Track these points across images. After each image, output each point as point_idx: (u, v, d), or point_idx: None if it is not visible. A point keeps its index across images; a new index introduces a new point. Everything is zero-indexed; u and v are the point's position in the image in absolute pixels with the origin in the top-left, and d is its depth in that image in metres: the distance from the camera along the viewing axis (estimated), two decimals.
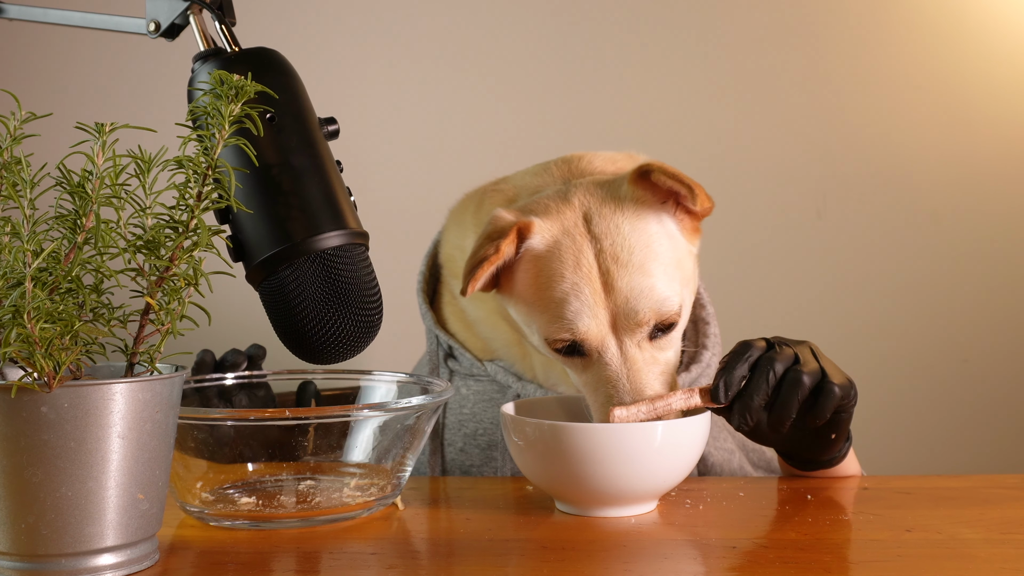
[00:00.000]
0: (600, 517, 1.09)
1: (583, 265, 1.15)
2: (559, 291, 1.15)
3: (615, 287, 1.14)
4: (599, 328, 1.14)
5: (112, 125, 0.89)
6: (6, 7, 1.10)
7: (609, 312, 1.15)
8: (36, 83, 2.08)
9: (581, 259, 1.16)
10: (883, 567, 0.95)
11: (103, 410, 0.88)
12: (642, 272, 1.15)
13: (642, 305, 1.14)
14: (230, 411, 1.15)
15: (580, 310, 1.14)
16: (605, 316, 1.15)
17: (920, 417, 2.10)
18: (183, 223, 0.92)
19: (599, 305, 1.14)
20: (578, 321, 1.14)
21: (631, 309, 1.14)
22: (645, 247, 1.16)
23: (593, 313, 1.14)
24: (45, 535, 0.88)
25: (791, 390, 1.10)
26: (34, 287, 0.85)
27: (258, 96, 0.97)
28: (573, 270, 1.15)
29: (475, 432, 1.35)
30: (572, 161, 1.30)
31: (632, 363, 1.14)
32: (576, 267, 1.15)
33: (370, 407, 1.14)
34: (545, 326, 1.16)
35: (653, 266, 1.15)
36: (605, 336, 1.15)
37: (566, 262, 1.16)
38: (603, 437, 1.06)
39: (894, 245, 2.10)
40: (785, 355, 1.11)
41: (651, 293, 1.14)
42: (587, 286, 1.15)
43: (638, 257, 1.15)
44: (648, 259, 1.16)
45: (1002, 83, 2.08)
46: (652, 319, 1.14)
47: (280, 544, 1.02)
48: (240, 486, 1.14)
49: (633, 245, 1.16)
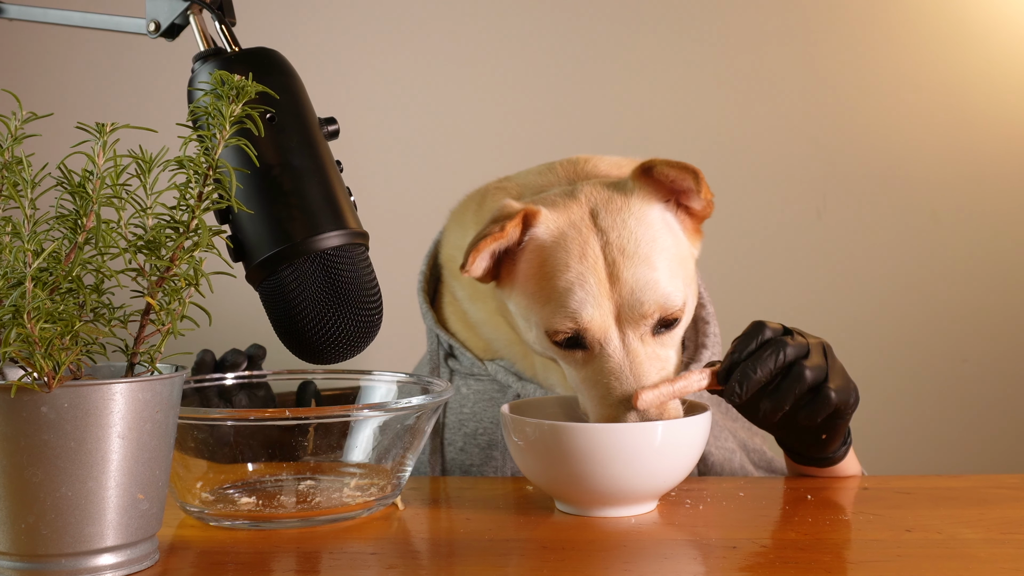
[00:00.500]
0: (600, 517, 1.09)
1: (589, 256, 1.15)
2: (564, 280, 1.15)
3: (621, 278, 1.14)
4: (603, 319, 1.14)
5: (113, 125, 0.89)
6: (6, 7, 1.10)
7: (614, 303, 1.14)
8: (36, 83, 2.08)
9: (587, 250, 1.16)
10: (883, 567, 0.95)
11: (103, 410, 0.88)
12: (648, 265, 1.15)
13: (647, 297, 1.14)
14: (230, 411, 1.15)
15: (585, 299, 1.14)
16: (610, 307, 1.14)
17: (920, 417, 2.10)
18: (184, 223, 0.92)
19: (604, 296, 1.14)
20: (582, 311, 1.14)
21: (636, 300, 1.14)
22: (651, 240, 1.16)
23: (598, 303, 1.14)
24: (45, 535, 0.88)
25: (791, 382, 1.10)
26: (34, 287, 0.85)
27: (258, 96, 0.97)
28: (579, 260, 1.15)
29: (475, 431, 1.35)
30: (578, 163, 1.30)
31: (635, 356, 1.14)
32: (582, 257, 1.15)
33: (370, 407, 1.14)
34: (547, 317, 1.16)
35: (658, 260, 1.16)
36: (609, 327, 1.14)
37: (572, 252, 1.16)
38: (603, 437, 1.06)
39: (894, 245, 2.10)
40: (798, 343, 1.11)
41: (656, 286, 1.14)
42: (592, 276, 1.15)
43: (644, 249, 1.15)
44: (654, 252, 1.16)
45: (1002, 83, 2.08)
46: (657, 312, 1.14)
47: (280, 544, 1.02)
48: (240, 486, 1.14)
49: (640, 238, 1.16)
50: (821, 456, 1.22)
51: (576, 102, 2.10)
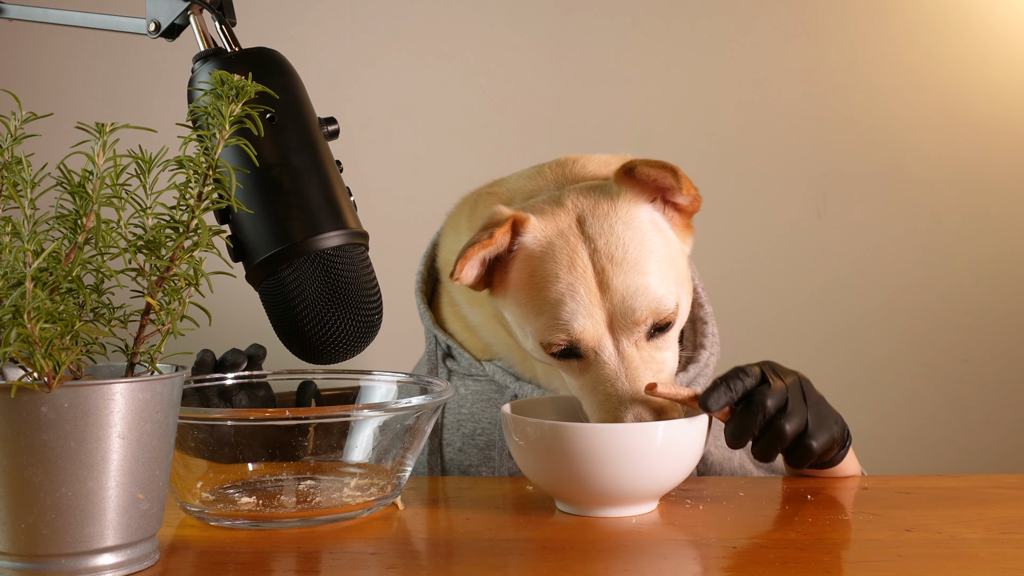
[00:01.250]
0: (601, 517, 1.09)
1: (578, 265, 1.15)
2: (554, 292, 1.15)
3: (611, 286, 1.14)
4: (595, 328, 1.14)
5: (112, 125, 0.89)
6: (6, 7, 1.10)
7: (605, 312, 1.14)
8: (36, 83, 2.08)
9: (576, 260, 1.15)
10: (883, 567, 0.95)
11: (103, 410, 0.88)
12: (637, 270, 1.15)
13: (639, 303, 1.14)
14: (230, 411, 1.15)
15: (576, 311, 1.14)
16: (601, 316, 1.14)
17: (920, 417, 2.10)
18: (183, 223, 0.92)
19: (595, 305, 1.14)
20: (574, 322, 1.14)
21: (628, 308, 1.14)
22: (639, 245, 1.16)
23: (589, 313, 1.14)
24: (45, 535, 0.88)
25: (772, 439, 1.11)
26: (34, 287, 0.85)
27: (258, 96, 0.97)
28: (568, 270, 1.15)
29: (473, 432, 1.35)
30: (566, 164, 1.30)
31: (630, 362, 1.14)
32: (571, 267, 1.15)
33: (370, 407, 1.14)
34: (540, 330, 1.16)
35: (648, 264, 1.15)
36: (602, 336, 1.14)
37: (560, 263, 1.16)
38: (604, 437, 1.06)
39: (894, 245, 2.10)
40: (776, 391, 1.11)
41: (647, 291, 1.14)
42: (582, 286, 1.15)
43: (633, 255, 1.15)
44: (643, 257, 1.16)
45: (1002, 83, 2.08)
46: (649, 318, 1.14)
47: (280, 544, 1.02)
48: (240, 486, 1.14)
49: (628, 243, 1.16)
50: (818, 462, 1.22)
51: (576, 102, 2.10)
